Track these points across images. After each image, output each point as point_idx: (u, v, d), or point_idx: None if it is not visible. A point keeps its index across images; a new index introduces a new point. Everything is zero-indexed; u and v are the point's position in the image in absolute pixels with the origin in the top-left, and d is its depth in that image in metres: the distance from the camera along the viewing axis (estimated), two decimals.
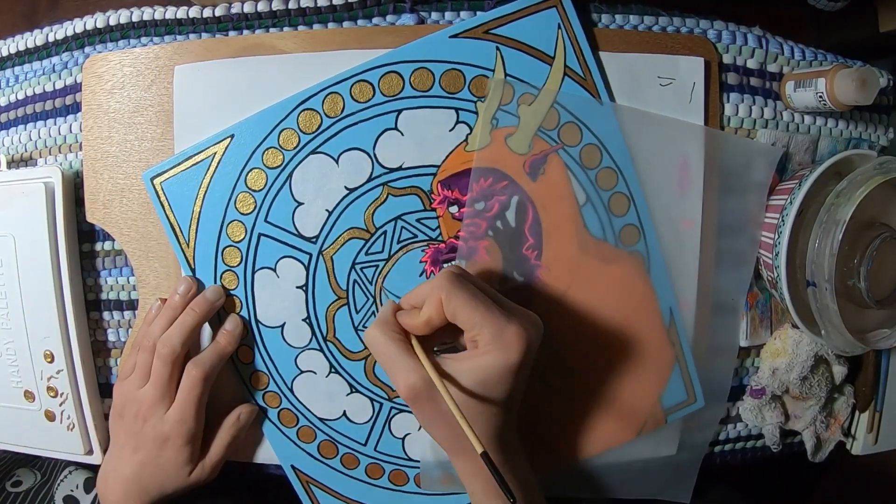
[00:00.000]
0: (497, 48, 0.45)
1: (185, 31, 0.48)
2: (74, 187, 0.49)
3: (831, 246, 0.43)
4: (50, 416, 0.49)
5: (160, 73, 0.46)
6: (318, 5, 0.47)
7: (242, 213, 0.46)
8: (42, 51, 0.50)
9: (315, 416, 0.48)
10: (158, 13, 0.48)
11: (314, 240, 0.46)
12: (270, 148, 0.46)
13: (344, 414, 0.48)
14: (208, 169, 0.46)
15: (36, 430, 0.50)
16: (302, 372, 0.48)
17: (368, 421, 0.48)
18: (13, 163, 0.51)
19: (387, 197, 0.46)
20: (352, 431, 0.49)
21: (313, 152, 0.46)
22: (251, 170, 0.46)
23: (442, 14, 0.47)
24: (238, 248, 0.46)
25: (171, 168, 0.46)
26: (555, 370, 0.48)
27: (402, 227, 0.46)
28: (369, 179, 0.46)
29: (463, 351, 0.40)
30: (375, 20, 0.47)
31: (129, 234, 0.48)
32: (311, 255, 0.46)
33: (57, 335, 0.48)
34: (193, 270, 0.47)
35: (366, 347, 0.47)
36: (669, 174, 0.47)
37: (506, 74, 0.46)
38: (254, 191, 0.46)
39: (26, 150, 0.51)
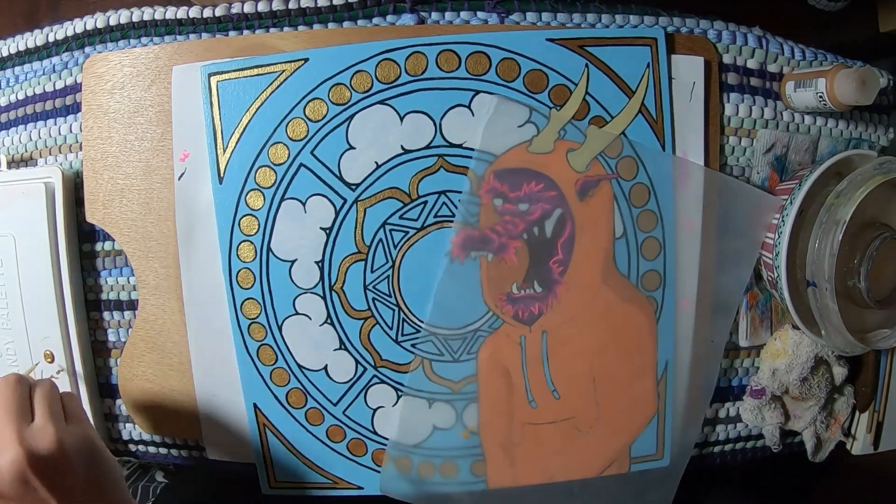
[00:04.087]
0: (587, 65, 0.46)
1: (185, 31, 0.48)
2: (74, 187, 0.49)
3: (831, 246, 0.43)
4: None
5: (160, 73, 0.46)
6: (318, 5, 0.47)
7: (291, 139, 0.45)
8: (42, 51, 0.50)
9: (295, 361, 0.47)
10: (158, 13, 0.48)
11: (354, 187, 0.46)
12: (340, 84, 0.45)
13: (325, 368, 0.47)
14: (272, 83, 0.45)
15: None
16: (296, 314, 0.47)
17: (347, 382, 0.48)
18: (13, 163, 0.51)
19: (439, 169, 0.46)
20: (327, 387, 0.48)
21: (381, 102, 0.45)
22: (314, 99, 0.45)
23: (442, 14, 0.47)
24: (274, 171, 0.46)
25: (234, 70, 0.45)
26: (541, 389, 0.48)
27: (444, 203, 0.46)
28: (427, 147, 0.46)
29: None
30: (375, 20, 0.47)
31: (128, 235, 0.48)
32: (345, 200, 0.46)
33: (57, 335, 0.48)
34: (221, 179, 0.46)
35: (368, 307, 0.47)
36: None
37: (586, 92, 0.46)
38: (310, 120, 0.45)
39: (26, 150, 0.51)
